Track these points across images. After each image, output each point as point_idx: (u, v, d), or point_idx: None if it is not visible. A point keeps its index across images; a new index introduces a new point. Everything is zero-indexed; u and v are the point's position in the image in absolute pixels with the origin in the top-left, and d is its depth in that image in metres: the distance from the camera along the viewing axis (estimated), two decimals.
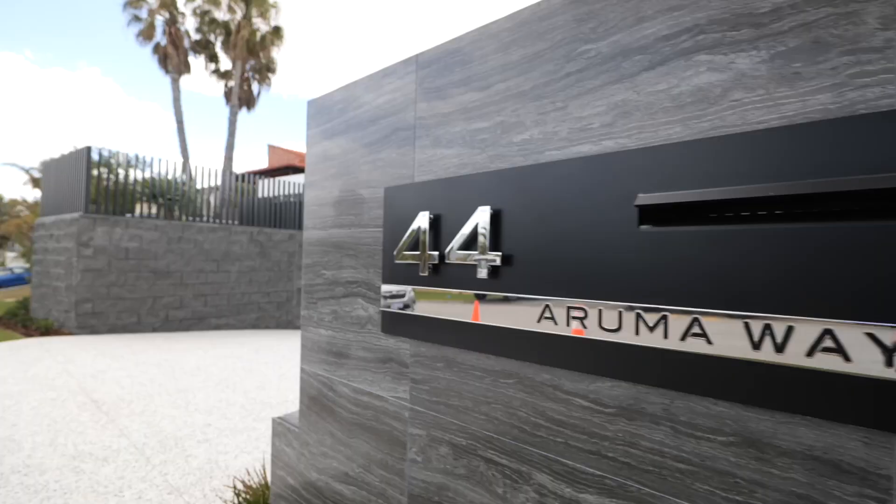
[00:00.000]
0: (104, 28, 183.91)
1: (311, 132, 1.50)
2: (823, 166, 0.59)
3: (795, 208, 0.62)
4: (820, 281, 0.59)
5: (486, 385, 0.97)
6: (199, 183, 8.03)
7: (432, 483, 1.07)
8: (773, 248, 0.63)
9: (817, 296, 0.59)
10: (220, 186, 8.41)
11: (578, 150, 0.84)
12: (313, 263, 1.45)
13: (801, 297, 0.60)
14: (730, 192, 0.66)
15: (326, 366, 1.39)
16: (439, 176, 1.08)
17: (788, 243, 0.61)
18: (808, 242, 0.60)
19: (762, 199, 0.63)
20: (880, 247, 0.55)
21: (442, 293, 1.04)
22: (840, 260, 0.58)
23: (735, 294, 0.65)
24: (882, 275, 0.55)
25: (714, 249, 0.67)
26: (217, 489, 2.34)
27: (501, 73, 0.96)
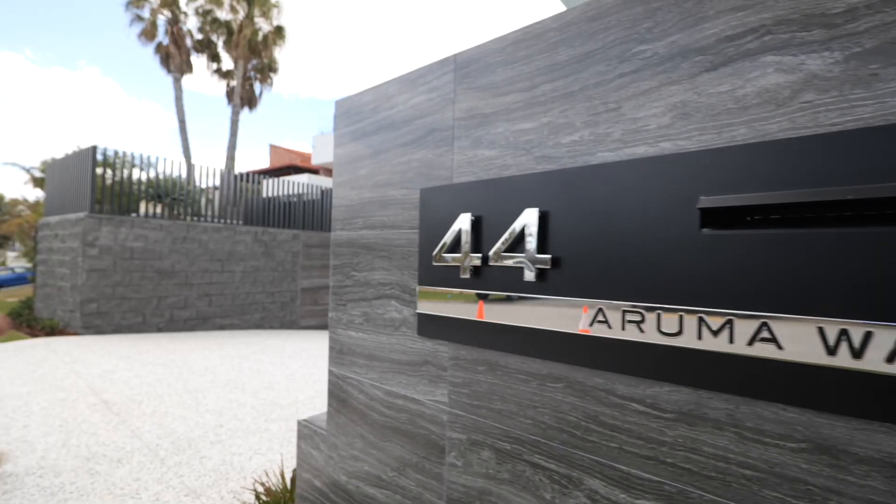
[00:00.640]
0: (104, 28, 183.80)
1: (338, 132, 1.49)
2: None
3: (872, 211, 0.61)
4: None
5: (533, 389, 0.96)
6: (202, 183, 8.02)
7: (473, 488, 1.06)
8: (849, 251, 0.62)
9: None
10: (223, 186, 8.40)
11: (633, 152, 0.83)
12: (342, 265, 1.44)
13: (879, 302, 0.59)
14: (803, 195, 0.65)
15: (357, 368, 1.38)
16: (480, 177, 1.07)
17: (867, 247, 0.60)
18: (889, 246, 0.59)
19: (838, 203, 0.62)
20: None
21: (484, 296, 1.03)
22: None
23: (808, 299, 0.64)
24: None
25: (785, 253, 0.66)
26: (234, 491, 2.33)
27: (548, 73, 0.95)
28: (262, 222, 8.61)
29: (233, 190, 8.44)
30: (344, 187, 1.45)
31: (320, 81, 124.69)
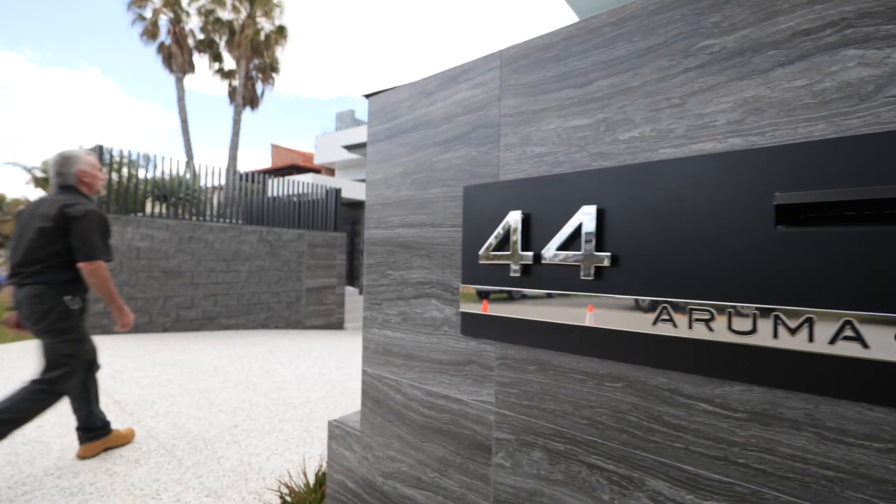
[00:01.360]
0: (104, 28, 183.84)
1: (372, 129, 1.47)
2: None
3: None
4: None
5: (589, 388, 0.95)
6: (207, 182, 8.00)
7: (523, 489, 1.05)
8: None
9: None
10: (227, 185, 8.38)
11: (700, 148, 0.82)
12: (377, 263, 1.43)
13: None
14: (888, 192, 0.63)
15: (394, 368, 1.36)
16: (529, 174, 1.06)
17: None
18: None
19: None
20: None
21: (535, 294, 1.02)
22: None
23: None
24: None
25: (870, 250, 0.65)
26: (255, 492, 2.32)
27: (604, 69, 0.94)
28: (266, 222, 8.59)
29: (237, 189, 8.42)
30: (379, 185, 1.43)
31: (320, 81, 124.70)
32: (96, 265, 2.30)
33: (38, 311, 2.24)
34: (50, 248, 2.26)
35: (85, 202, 2.37)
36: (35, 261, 2.26)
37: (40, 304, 2.24)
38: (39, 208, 2.34)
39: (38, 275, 2.25)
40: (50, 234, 2.25)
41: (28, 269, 2.26)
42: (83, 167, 2.44)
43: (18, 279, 2.29)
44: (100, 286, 2.32)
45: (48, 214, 2.27)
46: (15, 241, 2.36)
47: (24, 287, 2.26)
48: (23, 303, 2.27)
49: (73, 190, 2.42)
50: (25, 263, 2.27)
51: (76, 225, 2.26)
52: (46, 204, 2.33)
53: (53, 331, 2.27)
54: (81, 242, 2.26)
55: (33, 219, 2.31)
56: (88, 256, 2.27)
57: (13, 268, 2.33)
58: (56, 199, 2.33)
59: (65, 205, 2.28)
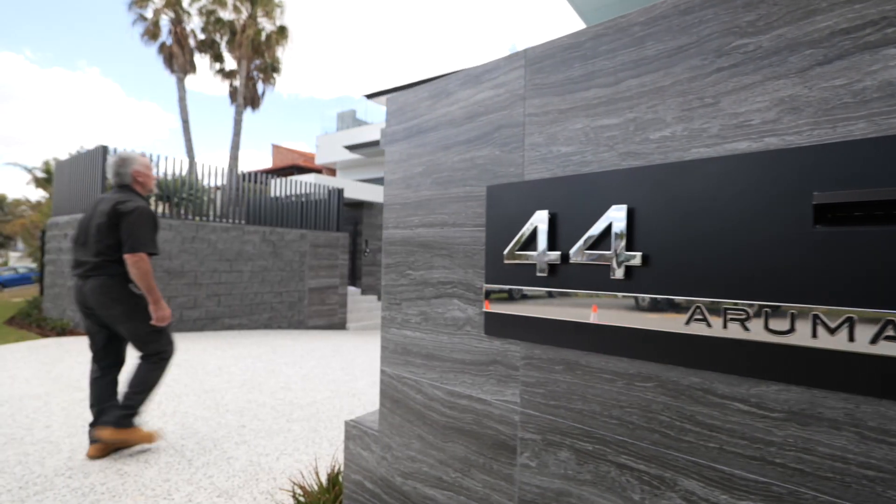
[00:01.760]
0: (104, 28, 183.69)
1: (390, 129, 1.47)
2: None
3: None
4: None
5: (619, 388, 0.95)
6: (209, 182, 7.99)
7: (549, 489, 1.04)
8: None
9: None
10: (230, 185, 8.37)
11: (734, 148, 0.82)
12: (396, 263, 1.43)
13: None
14: None
15: (413, 368, 1.36)
16: (555, 174, 1.06)
17: None
18: None
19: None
20: None
21: (562, 294, 1.02)
22: None
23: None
24: None
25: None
26: (266, 492, 2.31)
27: (634, 68, 0.94)
28: (269, 222, 8.58)
29: (239, 190, 8.41)
30: (397, 185, 1.43)
31: (320, 81, 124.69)
32: (139, 257, 2.43)
33: (109, 301, 2.45)
34: (106, 242, 2.44)
35: (137, 199, 2.54)
36: (97, 254, 2.44)
37: (109, 293, 2.45)
38: (99, 206, 2.52)
39: (100, 268, 2.44)
40: (105, 229, 2.43)
41: (91, 262, 2.45)
42: (138, 167, 2.63)
43: (82, 271, 2.48)
44: (140, 277, 2.45)
45: (104, 211, 2.45)
46: (81, 237, 2.54)
47: (89, 279, 2.46)
48: (89, 294, 2.46)
49: (129, 189, 2.60)
50: (89, 257, 2.47)
51: (125, 220, 2.42)
52: (104, 202, 2.51)
53: (129, 315, 2.50)
54: (128, 235, 2.42)
55: (94, 216, 2.50)
56: (133, 248, 2.42)
57: (77, 262, 2.52)
58: (112, 197, 2.51)
59: (118, 202, 2.46)
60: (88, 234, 2.49)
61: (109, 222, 2.42)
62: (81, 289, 2.49)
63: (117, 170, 2.60)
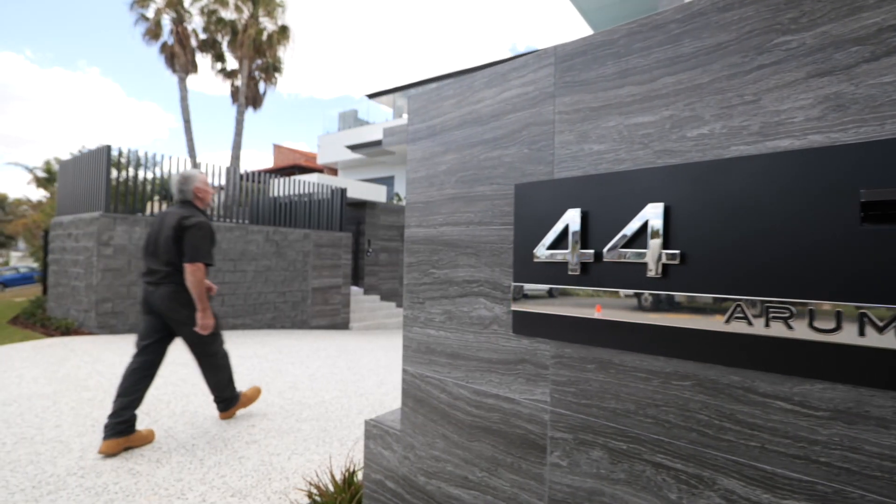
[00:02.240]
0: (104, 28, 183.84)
1: (413, 127, 1.47)
2: None
3: None
4: None
5: (654, 387, 0.94)
6: (211, 182, 7.98)
7: (581, 488, 1.04)
8: None
9: None
10: (232, 185, 8.37)
11: (776, 146, 0.81)
12: (419, 262, 1.42)
13: None
14: None
15: (438, 367, 1.36)
16: (586, 172, 1.06)
17: None
18: None
19: None
20: None
21: (596, 292, 1.01)
22: None
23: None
24: None
25: None
26: (280, 491, 2.31)
27: (670, 65, 0.94)
28: (272, 222, 8.58)
29: (242, 189, 8.41)
30: (421, 184, 1.43)
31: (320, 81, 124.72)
32: (196, 266, 2.71)
33: (178, 306, 2.73)
34: (175, 253, 2.71)
35: (198, 214, 2.83)
36: (166, 264, 2.72)
37: (178, 299, 2.73)
38: (165, 220, 2.79)
39: (169, 276, 2.72)
40: (172, 241, 2.70)
41: (162, 271, 2.72)
42: (198, 185, 2.92)
43: (154, 279, 2.74)
44: (194, 285, 2.71)
45: (171, 225, 2.72)
46: (151, 248, 2.81)
47: (160, 286, 2.72)
48: (158, 299, 2.72)
49: (190, 204, 2.89)
50: (160, 266, 2.74)
51: (188, 233, 2.70)
52: (170, 216, 2.78)
53: (192, 319, 2.80)
54: (189, 247, 2.69)
55: (162, 229, 2.76)
56: (192, 258, 2.69)
57: (149, 270, 2.78)
58: (177, 211, 2.79)
59: (182, 216, 2.74)
60: (158, 245, 2.75)
61: (175, 235, 2.70)
62: (152, 294, 2.74)
63: (180, 187, 2.88)
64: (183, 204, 2.89)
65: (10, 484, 2.30)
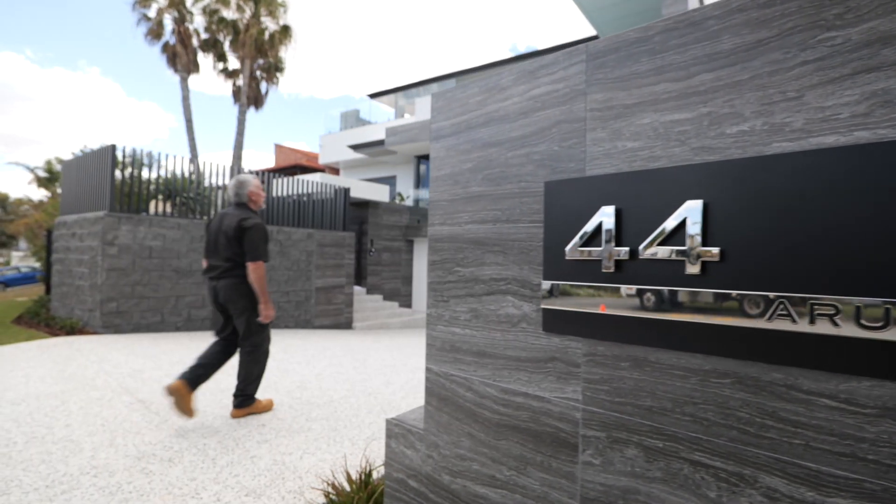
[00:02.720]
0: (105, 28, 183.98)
1: (436, 125, 1.46)
2: None
3: None
4: None
5: (692, 385, 0.94)
6: (215, 181, 7.98)
7: (615, 486, 1.04)
8: None
9: None
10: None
11: (820, 142, 0.81)
12: (443, 260, 1.42)
13: None
14: None
15: (463, 366, 1.35)
16: (620, 169, 1.05)
17: None
18: None
19: None
20: None
21: (630, 290, 1.01)
22: None
23: None
24: None
25: None
26: (294, 491, 2.30)
27: (708, 62, 0.93)
28: (276, 221, 8.57)
29: None
30: (445, 181, 1.42)
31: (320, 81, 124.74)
32: (258, 265, 3.06)
33: (237, 296, 3.07)
34: (234, 250, 3.05)
35: (254, 216, 3.14)
36: (227, 260, 3.06)
37: (236, 290, 3.07)
38: (224, 220, 3.11)
39: (230, 270, 3.07)
40: (233, 241, 3.04)
41: (222, 266, 3.08)
42: (252, 188, 3.23)
43: (215, 274, 3.10)
44: (257, 281, 3.07)
45: (231, 226, 3.05)
46: (212, 246, 3.14)
47: (220, 280, 3.08)
48: (221, 291, 3.09)
49: (245, 206, 3.20)
50: (220, 262, 3.09)
51: (247, 234, 3.02)
52: (229, 217, 3.10)
53: (251, 308, 3.12)
54: (250, 247, 3.03)
55: (221, 228, 3.09)
56: (254, 258, 3.04)
57: (210, 266, 3.13)
58: (235, 213, 3.11)
59: (242, 218, 3.06)
60: (218, 243, 3.10)
61: (235, 235, 3.03)
62: (215, 287, 3.12)
63: (237, 190, 3.21)
64: (238, 206, 3.19)
65: (23, 483, 2.30)
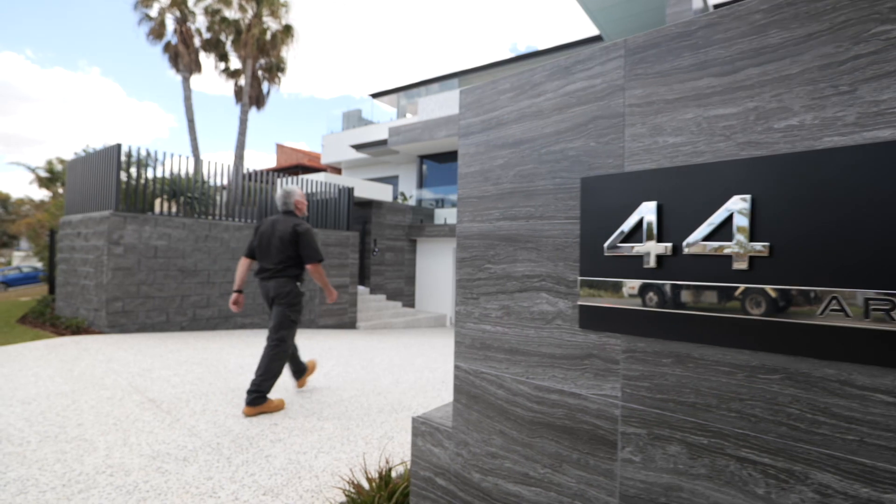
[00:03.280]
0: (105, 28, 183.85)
1: (465, 122, 1.46)
2: None
3: None
4: None
5: (739, 381, 0.93)
6: (218, 181, 7.97)
7: (656, 483, 1.03)
8: None
9: None
10: (235, 184, 8.35)
11: (875, 136, 0.80)
12: (473, 257, 1.41)
13: None
14: None
15: (494, 363, 1.35)
16: (661, 165, 1.05)
17: None
18: None
19: None
20: None
21: (674, 286, 1.00)
22: None
23: None
24: None
25: None
26: (312, 490, 2.30)
27: (754, 56, 0.93)
28: None
29: (248, 189, 8.39)
30: (474, 178, 1.42)
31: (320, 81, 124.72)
32: (317, 266, 3.52)
33: (283, 292, 3.45)
34: (287, 254, 3.45)
35: (304, 222, 3.57)
36: (279, 262, 3.45)
37: (284, 287, 3.46)
38: (276, 226, 3.49)
39: (282, 271, 3.46)
40: (287, 244, 3.44)
41: (273, 268, 3.46)
42: (297, 198, 3.68)
43: (269, 274, 3.47)
44: (318, 278, 3.59)
45: (285, 231, 3.45)
46: (263, 248, 3.50)
47: (271, 280, 3.47)
48: (272, 288, 3.47)
49: (292, 213, 3.62)
50: (272, 265, 3.46)
51: (302, 238, 3.46)
52: (281, 223, 3.49)
53: (289, 304, 3.48)
54: (308, 250, 3.47)
55: (274, 233, 3.47)
56: (313, 259, 3.49)
57: (262, 268, 3.51)
58: (287, 220, 3.51)
59: (295, 224, 3.48)
60: (271, 246, 3.46)
61: (291, 239, 3.43)
62: (265, 285, 3.51)
63: (285, 200, 3.64)
64: (286, 213, 3.60)
65: (39, 482, 2.29)
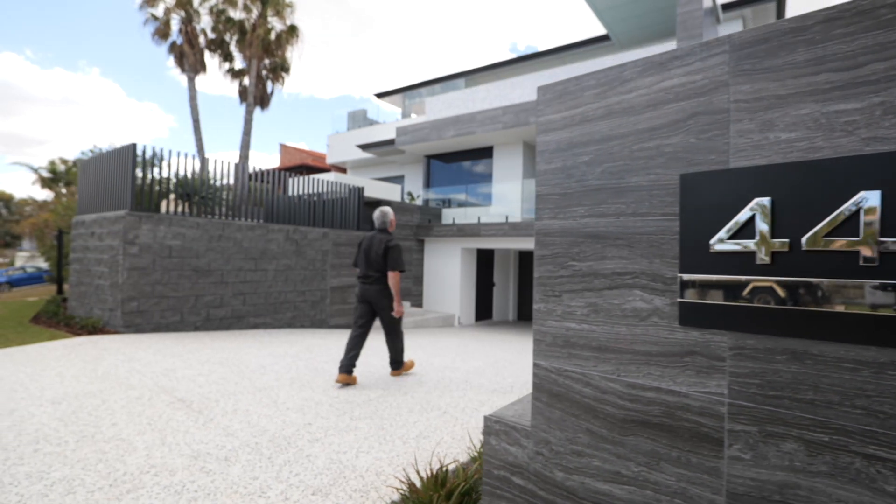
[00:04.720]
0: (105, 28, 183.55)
1: (544, 118, 1.45)
2: None
3: None
4: None
5: (864, 377, 0.93)
6: (226, 180, 7.95)
7: (769, 481, 1.03)
8: None
9: None
10: (239, 184, 8.33)
11: None
12: (554, 255, 1.41)
13: None
14: None
15: (580, 361, 1.34)
16: (772, 161, 1.04)
17: None
18: None
19: None
20: None
21: (792, 282, 1.00)
22: None
23: None
24: None
25: None
26: (359, 490, 2.29)
27: (880, 51, 0.92)
28: (291, 220, 8.55)
29: (255, 189, 8.37)
30: (556, 175, 1.41)
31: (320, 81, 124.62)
32: (396, 273, 4.33)
33: (384, 298, 4.38)
34: (382, 263, 4.35)
35: (394, 238, 4.43)
36: (377, 271, 4.36)
37: (383, 293, 4.38)
38: (374, 240, 4.41)
39: (378, 279, 4.36)
40: (381, 257, 4.34)
41: (374, 275, 4.36)
42: (391, 217, 4.56)
43: (369, 281, 4.37)
44: (394, 284, 4.34)
45: (381, 245, 4.35)
46: (363, 258, 4.42)
47: (372, 285, 4.37)
48: (372, 293, 4.36)
49: (386, 231, 4.50)
50: (372, 272, 4.36)
51: (391, 252, 4.33)
52: (377, 240, 4.40)
53: (388, 307, 4.41)
54: (393, 261, 4.32)
55: (372, 246, 4.38)
56: (394, 268, 4.32)
57: (364, 275, 4.40)
58: (382, 237, 4.41)
59: (388, 240, 4.37)
60: (370, 257, 4.36)
61: (384, 252, 4.32)
62: (367, 290, 4.37)
63: (382, 219, 4.52)
64: (382, 231, 4.48)
65: (86, 482, 2.27)
